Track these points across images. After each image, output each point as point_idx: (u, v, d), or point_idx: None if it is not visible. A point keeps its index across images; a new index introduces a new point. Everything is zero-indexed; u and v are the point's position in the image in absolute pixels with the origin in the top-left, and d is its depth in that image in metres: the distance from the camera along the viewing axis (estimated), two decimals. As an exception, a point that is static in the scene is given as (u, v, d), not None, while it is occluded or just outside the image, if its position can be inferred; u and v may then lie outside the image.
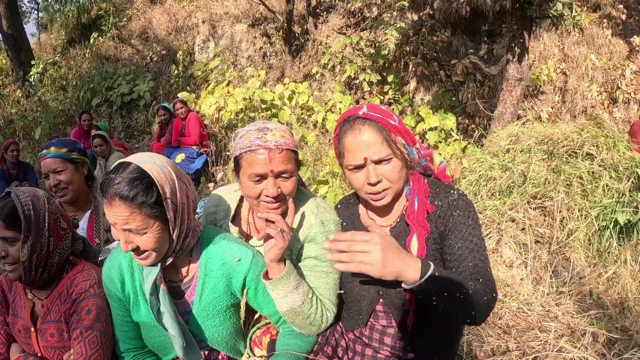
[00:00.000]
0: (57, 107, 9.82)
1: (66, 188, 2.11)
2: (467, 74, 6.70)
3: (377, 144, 1.31)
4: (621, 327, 2.53)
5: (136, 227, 1.23)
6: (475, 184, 3.90)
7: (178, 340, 1.37)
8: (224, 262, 1.42)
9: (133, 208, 1.21)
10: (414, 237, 1.34)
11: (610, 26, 7.25)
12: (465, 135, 6.45)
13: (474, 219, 1.34)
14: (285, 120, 6.54)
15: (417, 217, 1.35)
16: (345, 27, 8.96)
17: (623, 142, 3.75)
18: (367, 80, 7.46)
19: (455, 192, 1.39)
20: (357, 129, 1.33)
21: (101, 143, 4.80)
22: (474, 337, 2.41)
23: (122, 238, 1.25)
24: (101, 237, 2.13)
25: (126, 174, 1.23)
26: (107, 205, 1.23)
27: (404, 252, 1.14)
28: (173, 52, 10.54)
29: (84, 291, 1.45)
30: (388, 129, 1.33)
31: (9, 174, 5.46)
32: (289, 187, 1.42)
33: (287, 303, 1.37)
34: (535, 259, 3.14)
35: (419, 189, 1.40)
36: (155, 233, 1.26)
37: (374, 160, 1.31)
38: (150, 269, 1.34)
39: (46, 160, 2.12)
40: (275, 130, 1.40)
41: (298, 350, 1.40)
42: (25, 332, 1.54)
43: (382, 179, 1.33)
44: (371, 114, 1.34)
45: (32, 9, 20.31)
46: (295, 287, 1.37)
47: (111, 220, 1.24)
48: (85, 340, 1.38)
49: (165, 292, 1.37)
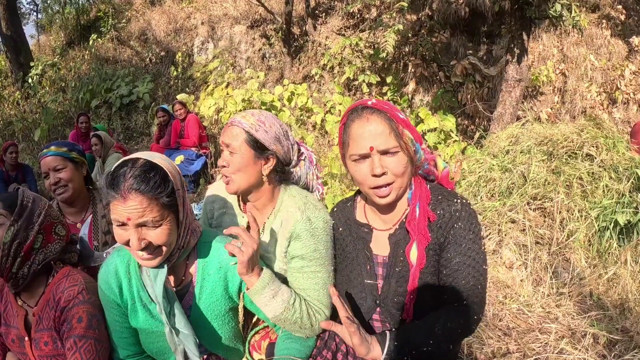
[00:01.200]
0: (56, 109, 9.81)
1: (66, 186, 2.11)
2: (466, 74, 6.70)
3: (384, 133, 1.28)
4: (622, 328, 2.52)
5: (152, 218, 1.22)
6: (475, 185, 3.90)
7: (191, 339, 1.36)
8: (221, 265, 1.41)
9: (150, 199, 1.21)
10: (414, 245, 1.32)
11: (610, 26, 7.25)
12: (465, 136, 6.45)
13: (475, 231, 1.31)
14: (285, 121, 6.53)
15: (418, 224, 1.32)
16: (344, 28, 8.96)
17: (623, 143, 3.74)
18: (367, 82, 7.46)
19: (458, 201, 1.35)
20: (365, 117, 1.30)
21: (96, 142, 4.80)
22: (475, 339, 2.40)
23: (135, 235, 1.22)
24: (99, 239, 2.12)
25: (138, 167, 1.23)
26: (119, 201, 1.20)
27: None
28: (172, 54, 10.54)
29: (72, 298, 1.42)
30: (396, 120, 1.30)
31: (7, 176, 5.45)
32: (233, 163, 1.48)
33: (270, 311, 1.37)
34: (535, 260, 3.14)
35: (421, 194, 1.37)
36: (169, 224, 1.26)
37: (380, 150, 1.28)
38: (157, 271, 1.33)
39: (47, 158, 2.12)
40: (247, 114, 1.52)
41: (297, 354, 1.39)
42: (19, 341, 1.51)
43: (387, 172, 1.29)
44: (380, 104, 1.33)
45: (31, 11, 20.28)
46: (273, 296, 1.36)
47: (123, 216, 1.21)
48: (80, 350, 1.36)
49: (174, 292, 1.37)
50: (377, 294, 1.41)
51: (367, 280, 1.42)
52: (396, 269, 1.37)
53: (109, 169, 1.28)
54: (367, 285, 1.43)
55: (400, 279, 1.36)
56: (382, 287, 1.41)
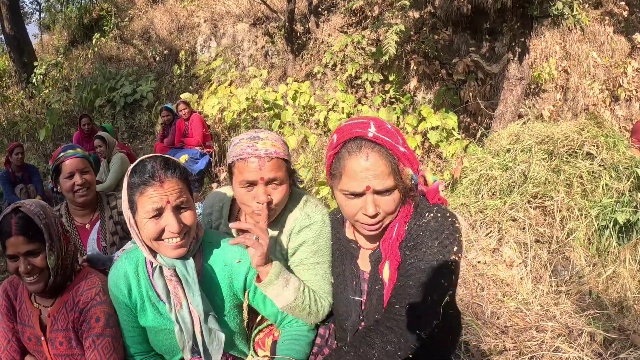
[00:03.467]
0: (60, 109, 9.86)
1: (89, 188, 2.18)
2: (468, 72, 6.70)
3: (383, 174, 1.19)
4: (619, 326, 2.55)
5: (186, 199, 1.34)
6: (476, 183, 3.93)
7: (222, 335, 1.44)
8: (226, 263, 1.46)
9: (182, 182, 1.34)
10: (386, 264, 1.28)
11: (612, 23, 7.22)
12: (467, 134, 6.46)
13: (444, 243, 1.20)
14: (288, 120, 6.57)
15: (392, 244, 1.27)
16: (346, 25, 8.96)
17: (623, 142, 3.76)
18: (370, 80, 7.47)
19: (431, 214, 1.25)
20: (364, 153, 1.18)
21: (100, 144, 4.85)
22: (472, 337, 2.45)
23: (174, 218, 1.29)
24: (107, 240, 2.18)
25: (160, 159, 1.34)
26: (156, 187, 1.29)
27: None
28: (175, 52, 10.57)
29: (90, 300, 1.50)
30: (398, 157, 1.20)
31: (14, 177, 5.51)
32: (279, 194, 1.46)
33: (282, 301, 1.43)
34: (535, 258, 3.17)
35: (403, 213, 1.29)
36: (193, 206, 1.37)
37: (377, 190, 1.20)
38: (186, 264, 1.38)
39: (74, 159, 2.17)
40: (266, 140, 1.45)
41: (296, 356, 1.44)
42: (35, 340, 1.58)
43: (380, 211, 1.23)
44: (381, 137, 1.19)
45: (34, 10, 20.38)
46: (285, 284, 1.42)
47: (163, 200, 1.29)
48: (99, 348, 1.44)
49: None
50: (360, 310, 1.41)
51: (352, 296, 1.43)
52: (376, 287, 1.35)
53: (133, 166, 1.35)
54: (351, 301, 1.43)
55: (380, 296, 1.33)
56: (365, 303, 1.40)
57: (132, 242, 1.63)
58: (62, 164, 2.17)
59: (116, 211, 2.24)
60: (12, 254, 1.45)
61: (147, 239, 1.33)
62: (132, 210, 1.32)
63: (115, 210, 2.24)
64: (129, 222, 1.35)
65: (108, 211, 2.24)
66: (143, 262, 1.46)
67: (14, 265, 1.46)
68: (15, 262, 1.46)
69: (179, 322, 1.42)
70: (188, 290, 1.38)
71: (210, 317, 1.41)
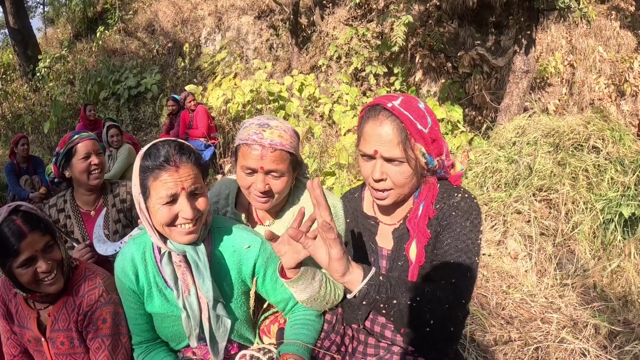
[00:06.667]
0: (64, 101, 9.89)
1: (103, 170, 2.20)
2: (474, 65, 6.68)
3: (392, 142, 1.25)
4: (624, 320, 2.55)
5: (200, 185, 1.32)
6: (481, 176, 3.93)
7: (228, 321, 1.44)
8: (235, 249, 1.45)
9: (197, 168, 1.31)
10: (413, 243, 1.32)
11: (619, 18, 7.16)
12: (472, 127, 6.45)
13: (474, 223, 1.28)
14: (292, 112, 6.56)
15: (419, 222, 1.32)
16: (351, 18, 8.93)
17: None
18: (374, 73, 7.45)
19: (459, 194, 1.33)
20: (379, 120, 1.27)
21: (117, 133, 4.84)
22: (477, 327, 2.45)
23: (188, 204, 1.27)
24: (110, 228, 2.18)
25: (174, 144, 1.31)
26: (171, 172, 1.25)
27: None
28: (179, 45, 10.56)
29: (94, 302, 1.48)
30: (410, 131, 1.25)
31: (19, 168, 5.54)
32: (278, 185, 1.46)
33: (307, 293, 1.37)
34: (540, 251, 3.17)
35: (428, 193, 1.35)
36: (206, 192, 1.36)
37: (384, 157, 1.27)
38: (197, 249, 1.36)
39: (88, 141, 2.19)
40: (274, 129, 1.43)
41: (306, 340, 1.44)
42: (35, 341, 1.55)
43: (387, 178, 1.29)
44: (400, 109, 1.26)
45: (38, 4, 20.28)
46: (313, 277, 1.36)
47: (177, 186, 1.26)
48: (109, 348, 1.45)
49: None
50: None
51: None
52: (399, 263, 1.38)
53: (146, 149, 1.32)
54: None
55: (402, 273, 1.36)
56: None
57: (140, 227, 1.62)
58: (76, 146, 2.18)
59: (119, 199, 2.25)
60: (28, 256, 1.36)
61: (158, 224, 1.30)
62: (145, 195, 1.29)
63: (118, 199, 2.25)
64: (139, 207, 1.31)
65: (112, 199, 2.25)
66: (150, 248, 1.45)
67: (29, 271, 1.37)
68: (30, 267, 1.37)
69: (186, 308, 1.41)
70: (198, 276, 1.37)
71: (219, 303, 1.41)
